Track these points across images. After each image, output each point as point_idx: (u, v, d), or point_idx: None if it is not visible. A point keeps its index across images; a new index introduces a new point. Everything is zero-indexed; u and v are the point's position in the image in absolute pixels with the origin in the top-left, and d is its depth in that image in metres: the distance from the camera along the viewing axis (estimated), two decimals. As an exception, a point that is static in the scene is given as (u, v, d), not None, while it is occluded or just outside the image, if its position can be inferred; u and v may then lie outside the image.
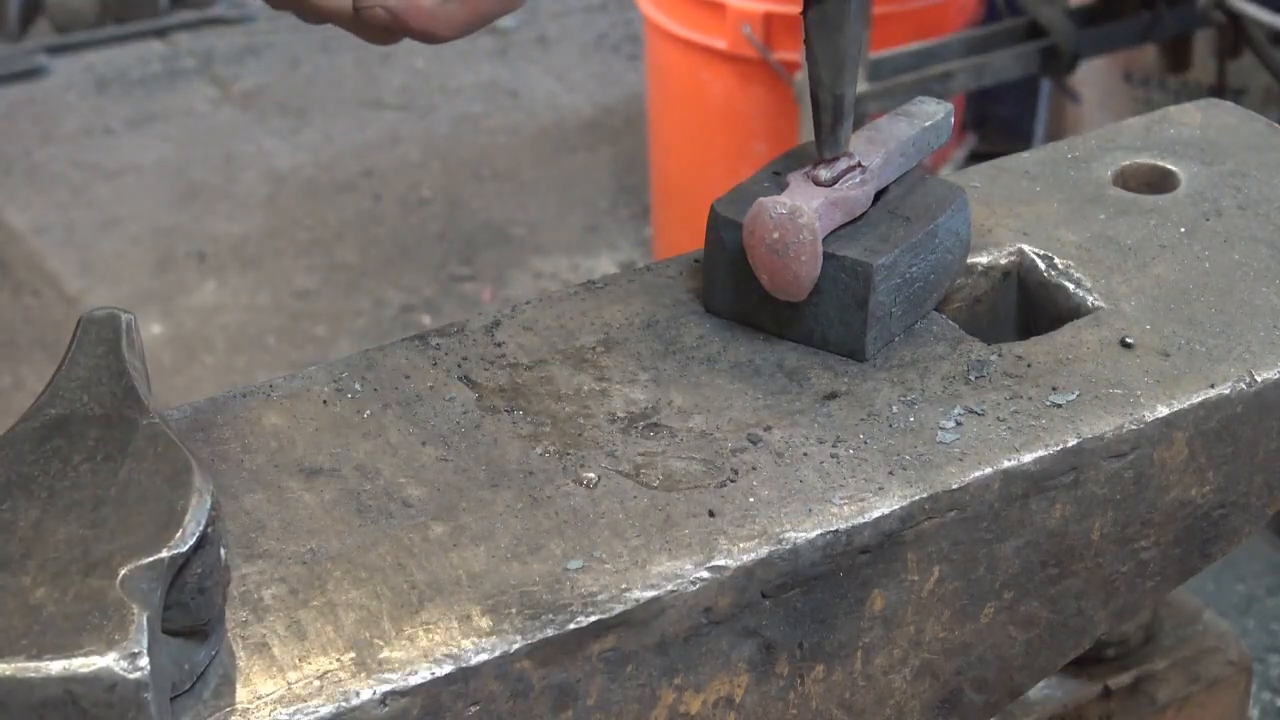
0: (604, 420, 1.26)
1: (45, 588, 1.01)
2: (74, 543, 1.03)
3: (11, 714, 0.97)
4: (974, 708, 1.30)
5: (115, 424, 1.10)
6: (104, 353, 1.14)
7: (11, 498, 1.06)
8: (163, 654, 1.01)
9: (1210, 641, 1.81)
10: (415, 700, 1.06)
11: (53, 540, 1.04)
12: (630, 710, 1.14)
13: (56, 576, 1.01)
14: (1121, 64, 3.92)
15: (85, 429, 1.10)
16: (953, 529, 1.21)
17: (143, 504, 1.05)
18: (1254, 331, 1.35)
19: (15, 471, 1.08)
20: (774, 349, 1.33)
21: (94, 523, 1.04)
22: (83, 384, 1.13)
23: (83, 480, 1.07)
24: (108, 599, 1.00)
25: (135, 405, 1.11)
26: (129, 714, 0.96)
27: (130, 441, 1.09)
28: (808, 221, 1.28)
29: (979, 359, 1.32)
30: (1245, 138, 1.60)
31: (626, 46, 5.51)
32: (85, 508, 1.05)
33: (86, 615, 0.99)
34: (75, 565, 1.02)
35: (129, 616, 0.98)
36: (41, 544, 1.03)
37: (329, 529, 1.16)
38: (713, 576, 1.14)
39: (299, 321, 4.23)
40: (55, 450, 1.09)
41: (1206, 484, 1.32)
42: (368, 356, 1.32)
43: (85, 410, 1.11)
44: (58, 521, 1.05)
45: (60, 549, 1.03)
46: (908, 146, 1.38)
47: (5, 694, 0.96)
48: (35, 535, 1.04)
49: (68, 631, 0.98)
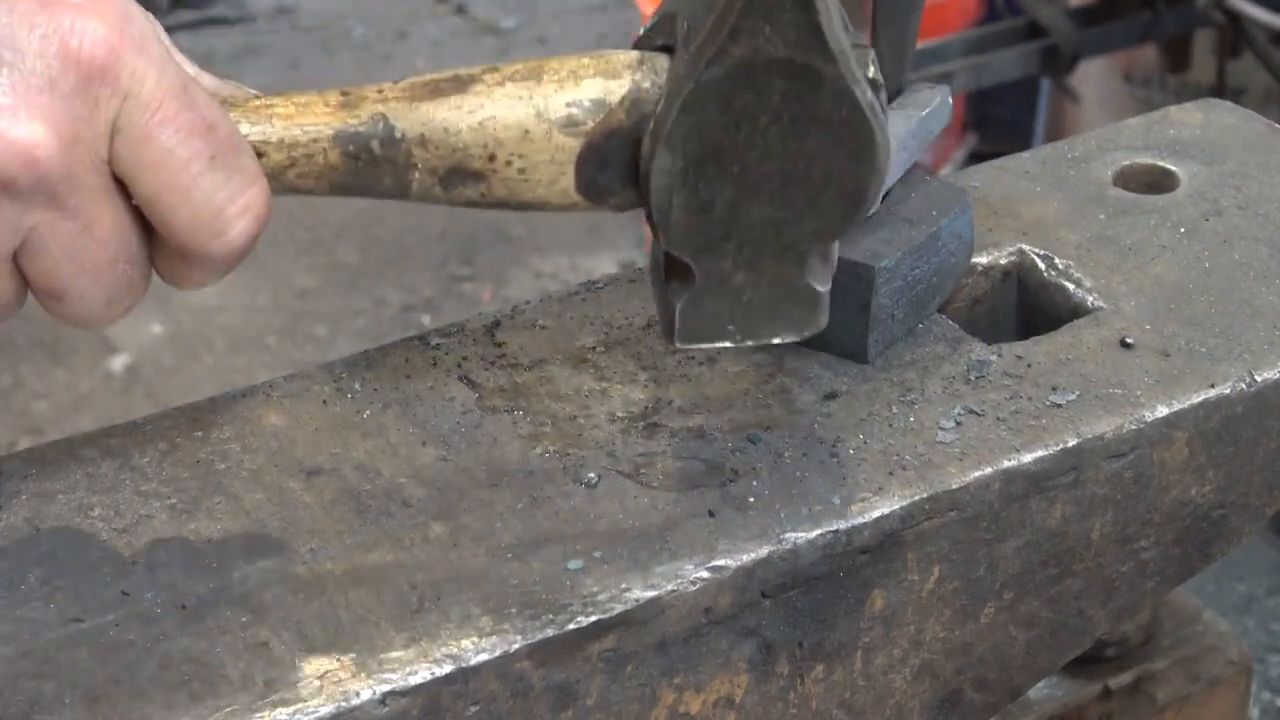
0: (604, 420, 1.26)
1: (744, 272, 1.12)
2: (767, 224, 1.11)
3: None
4: (974, 707, 1.30)
5: (799, 74, 1.08)
6: None
7: (708, 172, 1.10)
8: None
9: (1210, 641, 1.81)
10: (415, 700, 1.06)
11: (747, 221, 1.11)
12: (630, 710, 1.14)
13: (752, 261, 1.12)
14: (1121, 64, 3.92)
15: (770, 79, 1.08)
16: (953, 529, 1.21)
17: (828, 184, 1.11)
18: (1254, 331, 1.35)
19: (708, 142, 1.10)
20: (774, 349, 1.33)
21: (784, 202, 1.11)
22: (766, 12, 1.07)
23: (772, 150, 1.10)
24: (798, 286, 1.13)
25: (820, 50, 1.08)
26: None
27: (817, 101, 1.09)
28: None
29: (979, 359, 1.32)
30: (1245, 138, 1.60)
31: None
32: (775, 184, 1.10)
33: (780, 303, 1.13)
34: (769, 249, 1.12)
35: (818, 302, 1.14)
36: (738, 226, 1.11)
37: (329, 529, 1.16)
38: (713, 576, 1.14)
39: (299, 321, 4.23)
40: (744, 112, 1.09)
41: (1206, 484, 1.32)
42: (368, 356, 1.32)
43: (769, 49, 1.08)
44: (750, 201, 1.10)
45: (755, 231, 1.11)
46: (909, 141, 1.38)
47: None
48: (732, 217, 1.11)
49: (766, 318, 1.14)
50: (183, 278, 1.12)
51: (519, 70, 1.14)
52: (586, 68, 1.14)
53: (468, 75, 1.14)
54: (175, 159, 1.05)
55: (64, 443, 1.23)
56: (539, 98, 1.13)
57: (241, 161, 1.08)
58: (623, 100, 1.13)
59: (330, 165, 1.12)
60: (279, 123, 1.12)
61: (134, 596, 1.10)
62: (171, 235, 1.07)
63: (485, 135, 1.12)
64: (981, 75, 3.37)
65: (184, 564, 1.13)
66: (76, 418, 3.77)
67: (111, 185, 1.06)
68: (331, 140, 1.12)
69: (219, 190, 1.07)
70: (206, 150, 1.06)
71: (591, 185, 1.14)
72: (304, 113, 1.12)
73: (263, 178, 1.10)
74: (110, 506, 1.17)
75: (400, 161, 1.13)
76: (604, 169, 1.14)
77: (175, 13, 5.73)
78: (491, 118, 1.12)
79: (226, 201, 1.07)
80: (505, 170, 1.13)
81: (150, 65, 1.04)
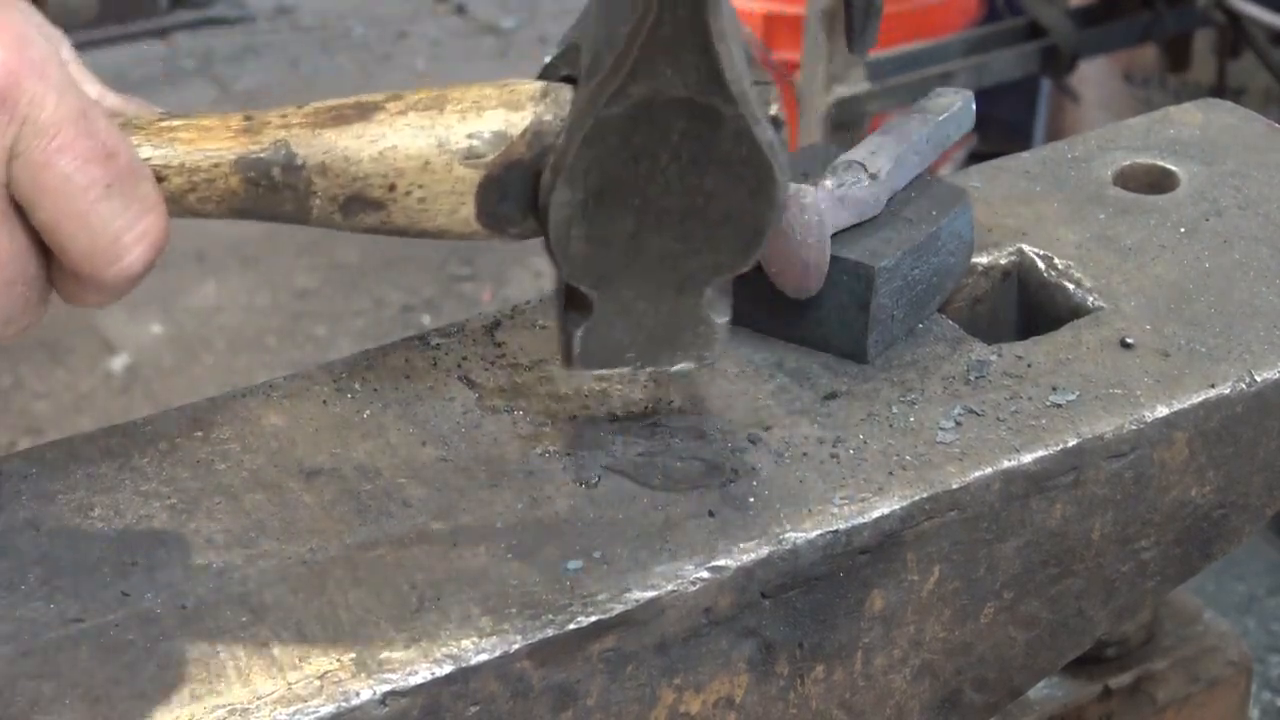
0: (604, 420, 1.26)
1: (642, 301, 1.15)
2: (666, 257, 1.13)
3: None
4: (974, 708, 1.30)
5: (700, 114, 1.09)
6: (687, 16, 1.07)
7: (607, 206, 1.11)
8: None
9: (1210, 641, 1.81)
10: (415, 700, 1.06)
11: (646, 254, 1.13)
12: (630, 710, 1.14)
13: (651, 292, 1.14)
14: (1121, 64, 3.92)
15: (671, 117, 1.09)
16: (953, 529, 1.21)
17: (727, 220, 1.12)
18: (1254, 331, 1.35)
19: (608, 177, 1.11)
20: (774, 350, 1.33)
21: (683, 236, 1.12)
22: (667, 55, 1.08)
23: (671, 186, 1.11)
24: (696, 316, 1.16)
25: (720, 91, 1.09)
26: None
27: (717, 140, 1.10)
28: (812, 202, 1.28)
29: (979, 359, 1.32)
30: (1245, 138, 1.60)
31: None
32: (674, 219, 1.12)
33: (679, 332, 1.16)
34: (668, 281, 1.14)
35: (714, 333, 1.16)
36: (637, 258, 1.13)
37: (329, 529, 1.16)
38: (713, 576, 1.14)
39: (299, 321, 4.23)
40: (643, 148, 1.10)
41: (1207, 484, 1.32)
42: (368, 356, 1.32)
43: (669, 89, 1.09)
44: (649, 234, 1.12)
45: (654, 263, 1.13)
46: (921, 144, 1.38)
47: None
48: (631, 249, 1.13)
49: (664, 346, 1.16)
50: (80, 299, 1.11)
51: (422, 99, 1.14)
52: (490, 98, 1.14)
53: (371, 103, 1.14)
54: (72, 186, 1.04)
55: (64, 443, 1.23)
56: (440, 128, 1.13)
57: (140, 189, 1.08)
58: (524, 132, 1.13)
59: (231, 190, 1.12)
60: (181, 147, 1.11)
61: (134, 596, 1.10)
62: (68, 260, 1.07)
63: (386, 165, 1.12)
64: (981, 75, 3.37)
65: (184, 564, 1.13)
66: (76, 418, 3.78)
67: (9, 209, 1.05)
68: (233, 165, 1.11)
69: (116, 218, 1.06)
70: (104, 177, 1.05)
71: (492, 215, 1.15)
72: (206, 137, 1.12)
73: (161, 204, 1.09)
74: (110, 506, 1.17)
75: (300, 188, 1.12)
76: (504, 199, 1.14)
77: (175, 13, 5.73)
78: (393, 147, 1.12)
79: (123, 229, 1.07)
80: (405, 199, 1.13)
81: (49, 90, 1.04)
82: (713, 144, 1.10)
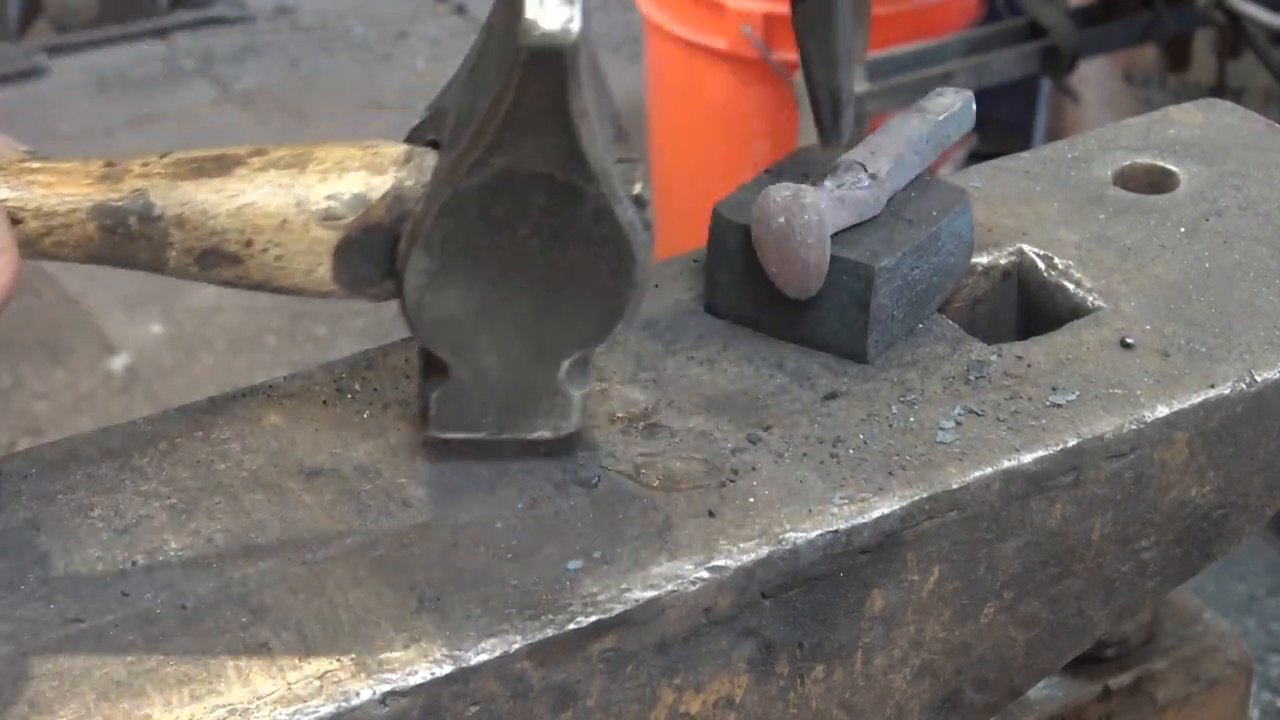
0: (604, 420, 1.26)
1: (498, 371, 1.15)
2: (524, 329, 1.14)
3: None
4: (974, 708, 1.30)
5: (560, 190, 1.10)
6: (549, 93, 1.07)
7: (463, 275, 1.12)
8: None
9: (1210, 641, 1.81)
10: (415, 700, 1.06)
11: (503, 325, 1.13)
12: (630, 710, 1.14)
13: (508, 362, 1.15)
14: (1121, 64, 3.92)
15: (530, 192, 1.10)
16: (953, 529, 1.21)
17: (587, 297, 1.13)
18: (1254, 331, 1.35)
19: (466, 247, 1.11)
20: (774, 350, 1.33)
21: (541, 310, 1.13)
22: (528, 129, 1.08)
23: (530, 259, 1.11)
24: (553, 387, 1.16)
25: (581, 169, 1.09)
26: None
27: (577, 217, 1.11)
28: (812, 201, 1.28)
29: (979, 359, 1.32)
30: (1245, 138, 1.60)
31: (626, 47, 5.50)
32: (532, 291, 1.12)
33: (536, 402, 1.16)
34: (525, 352, 1.15)
35: (571, 405, 1.17)
36: (493, 328, 1.13)
37: (329, 529, 1.16)
38: (713, 576, 1.14)
39: (299, 321, 4.23)
40: (502, 221, 1.11)
41: (1206, 484, 1.32)
42: (368, 356, 1.32)
43: (530, 163, 1.09)
44: (506, 306, 1.12)
45: (511, 334, 1.13)
46: (920, 144, 1.38)
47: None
48: (487, 320, 1.13)
49: (521, 415, 1.16)
50: None
51: (285, 157, 1.14)
52: (353, 159, 1.14)
53: (233, 156, 1.14)
54: None
55: (64, 443, 1.23)
56: (300, 188, 1.13)
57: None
58: (384, 196, 1.13)
59: (88, 236, 1.12)
60: (38, 190, 1.11)
61: (134, 596, 1.10)
62: None
63: (243, 221, 1.12)
64: (981, 75, 3.37)
65: (184, 564, 1.13)
66: (76, 418, 3.77)
67: None
68: (89, 212, 1.11)
69: None
70: None
71: (349, 276, 1.15)
72: (65, 182, 1.12)
73: (13, 247, 1.09)
74: (110, 506, 1.17)
75: (157, 239, 1.12)
76: (362, 262, 1.14)
77: (175, 12, 5.73)
78: (251, 204, 1.12)
79: None
80: (262, 256, 1.13)
81: None
82: (573, 220, 1.10)
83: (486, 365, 1.15)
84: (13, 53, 5.44)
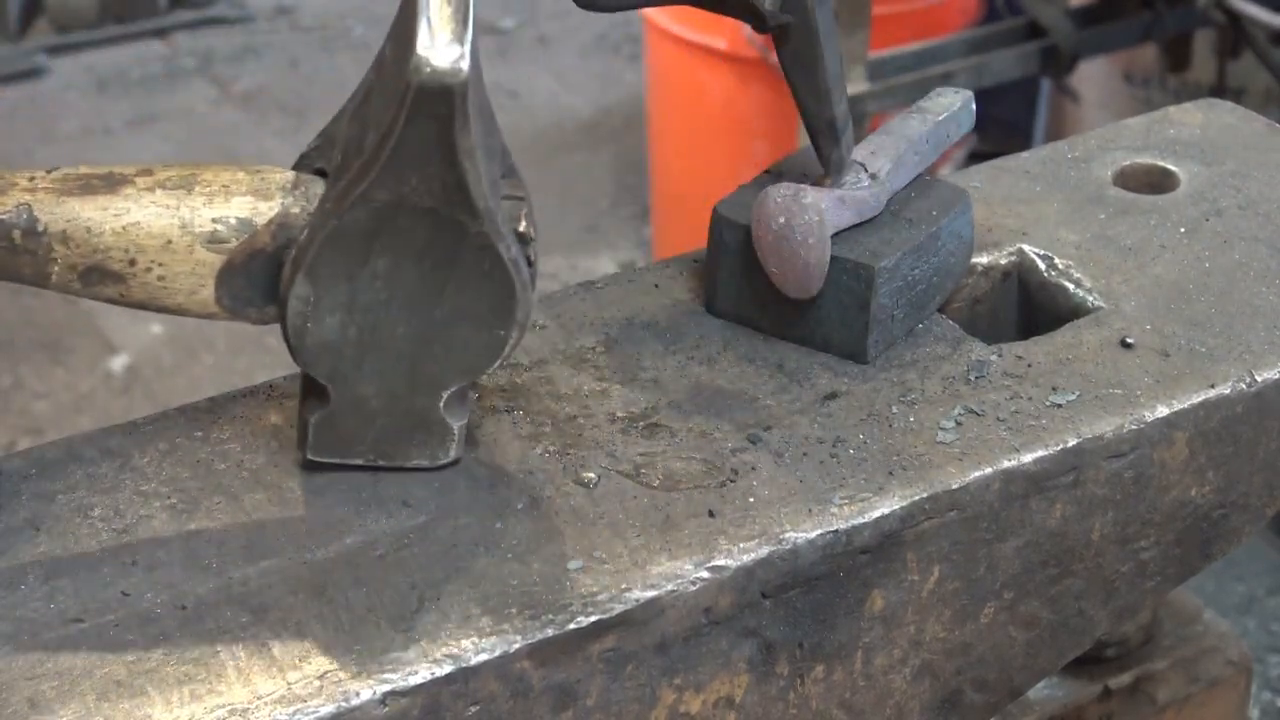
0: (604, 420, 1.26)
1: (377, 399, 1.15)
2: (404, 359, 1.14)
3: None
4: (974, 708, 1.30)
5: (444, 225, 1.10)
6: (435, 130, 1.08)
7: (344, 304, 1.12)
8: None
9: (1210, 641, 1.81)
10: (415, 700, 1.06)
11: (383, 354, 1.14)
12: (630, 710, 1.14)
13: (387, 391, 1.15)
14: (1121, 64, 3.92)
15: (414, 226, 1.10)
16: (953, 529, 1.21)
17: (469, 331, 1.14)
18: (1254, 331, 1.35)
19: (347, 277, 1.12)
20: (774, 349, 1.33)
21: (423, 342, 1.14)
22: (413, 165, 1.09)
23: (412, 291, 1.12)
24: (432, 418, 1.16)
25: (465, 205, 1.10)
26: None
27: (460, 253, 1.11)
28: (812, 201, 1.28)
29: (979, 359, 1.32)
30: (1245, 138, 1.60)
31: (626, 47, 5.51)
32: (414, 323, 1.13)
33: (414, 431, 1.17)
34: (404, 382, 1.15)
35: (449, 435, 1.17)
36: (373, 357, 1.14)
37: (329, 529, 1.16)
38: (713, 576, 1.14)
39: (299, 321, 4.22)
40: (385, 253, 1.11)
41: (1206, 484, 1.32)
42: (368, 356, 1.32)
43: (414, 198, 1.09)
44: (387, 336, 1.13)
45: (390, 364, 1.14)
46: (921, 144, 1.38)
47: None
48: (368, 348, 1.13)
49: (399, 443, 1.17)
50: None
51: (172, 177, 1.14)
52: (240, 183, 1.15)
53: (121, 175, 1.14)
54: None
55: (64, 443, 1.23)
56: (186, 210, 1.13)
57: None
58: (270, 222, 1.13)
59: None
60: None
61: (134, 596, 1.10)
62: None
63: (128, 240, 1.12)
64: (981, 75, 3.37)
65: (184, 564, 1.13)
66: (76, 418, 3.77)
67: None
68: None
69: None
70: None
71: (232, 300, 1.15)
72: None
73: None
74: (110, 506, 1.17)
75: (40, 254, 1.12)
76: (245, 286, 1.15)
77: (175, 12, 5.73)
78: (136, 224, 1.12)
79: None
80: (145, 276, 1.13)
81: None
82: (456, 256, 1.11)
83: (365, 393, 1.15)
84: (13, 53, 5.45)
